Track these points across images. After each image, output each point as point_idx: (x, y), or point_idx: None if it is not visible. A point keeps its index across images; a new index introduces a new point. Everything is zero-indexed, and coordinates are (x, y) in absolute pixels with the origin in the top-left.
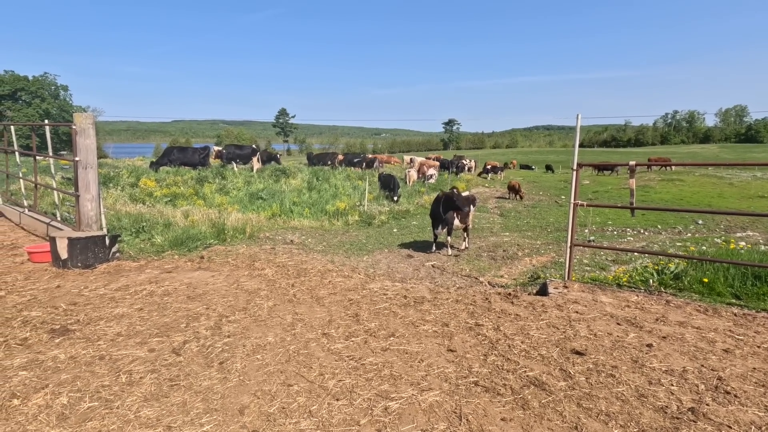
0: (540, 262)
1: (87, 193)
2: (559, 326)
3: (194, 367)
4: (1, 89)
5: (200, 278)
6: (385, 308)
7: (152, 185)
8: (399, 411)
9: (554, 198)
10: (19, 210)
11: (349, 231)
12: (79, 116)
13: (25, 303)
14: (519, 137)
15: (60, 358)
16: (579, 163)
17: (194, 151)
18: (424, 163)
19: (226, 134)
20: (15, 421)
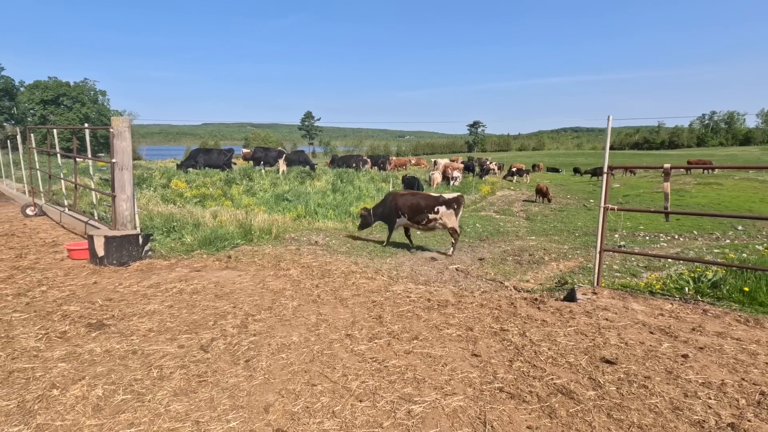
0: (567, 267)
1: (122, 193)
2: (587, 333)
3: (221, 365)
4: (45, 95)
5: (228, 277)
6: (408, 311)
7: (183, 186)
8: (422, 415)
9: (582, 201)
10: (59, 209)
11: (373, 233)
12: (116, 120)
13: (64, 298)
14: (546, 139)
15: (96, 352)
16: (610, 166)
17: (219, 153)
18: (448, 165)
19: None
20: (54, 410)
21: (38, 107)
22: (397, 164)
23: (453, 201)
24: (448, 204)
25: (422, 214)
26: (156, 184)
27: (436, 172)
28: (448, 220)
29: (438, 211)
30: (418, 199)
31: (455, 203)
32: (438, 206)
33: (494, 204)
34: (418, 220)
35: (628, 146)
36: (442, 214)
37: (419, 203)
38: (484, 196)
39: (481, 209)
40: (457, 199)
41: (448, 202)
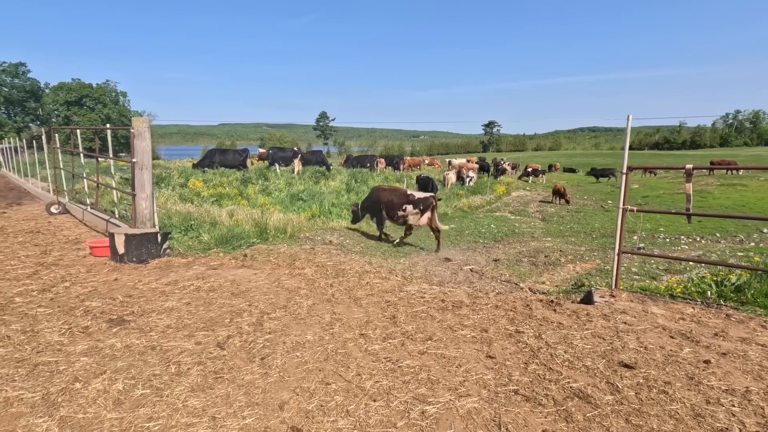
0: (584, 269)
1: (142, 192)
2: (605, 337)
3: (237, 362)
4: (68, 96)
5: (243, 276)
6: (422, 311)
7: (200, 185)
8: (436, 416)
9: (600, 202)
10: (82, 208)
11: (387, 233)
12: (137, 120)
13: (86, 294)
14: (562, 139)
15: (116, 347)
16: (629, 167)
17: (234, 153)
18: (463, 165)
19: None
20: (77, 403)
21: (62, 108)
22: (411, 164)
23: (420, 201)
24: (415, 204)
25: (394, 210)
26: (174, 183)
27: (451, 173)
28: (412, 218)
29: (405, 209)
30: (392, 196)
31: (422, 204)
32: (406, 204)
33: (509, 204)
34: (391, 215)
35: (648, 146)
36: (409, 213)
37: (392, 200)
38: (499, 197)
39: (495, 210)
40: (426, 200)
41: (416, 201)
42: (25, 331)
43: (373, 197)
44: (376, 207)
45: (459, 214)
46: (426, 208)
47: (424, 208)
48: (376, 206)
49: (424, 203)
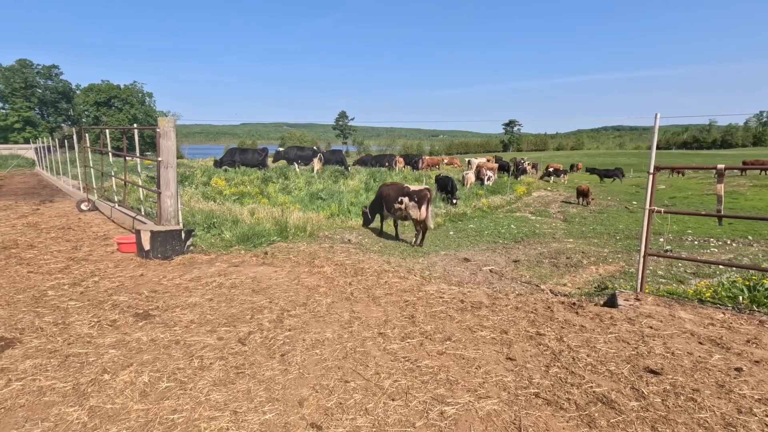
0: (607, 271)
1: (167, 190)
2: (630, 341)
3: (258, 357)
4: (98, 97)
5: (264, 273)
6: (441, 311)
7: (222, 184)
8: (455, 417)
9: (624, 203)
10: (110, 205)
11: (405, 232)
12: (162, 120)
13: (114, 288)
14: (585, 138)
15: (142, 340)
16: (656, 167)
17: (254, 152)
18: (482, 165)
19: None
20: (105, 394)
21: (92, 108)
22: (430, 164)
23: (415, 193)
24: (411, 196)
25: (391, 204)
26: (197, 181)
27: (470, 172)
28: (411, 211)
29: (402, 201)
30: (389, 190)
31: (417, 196)
32: (402, 197)
33: (530, 205)
34: (389, 208)
35: (676, 146)
36: (406, 205)
37: (390, 194)
38: (519, 197)
39: (516, 210)
40: (420, 192)
41: (411, 193)
42: (57, 323)
43: (378, 195)
44: (378, 202)
45: (478, 214)
46: (421, 200)
47: (419, 200)
48: (378, 201)
49: (418, 195)
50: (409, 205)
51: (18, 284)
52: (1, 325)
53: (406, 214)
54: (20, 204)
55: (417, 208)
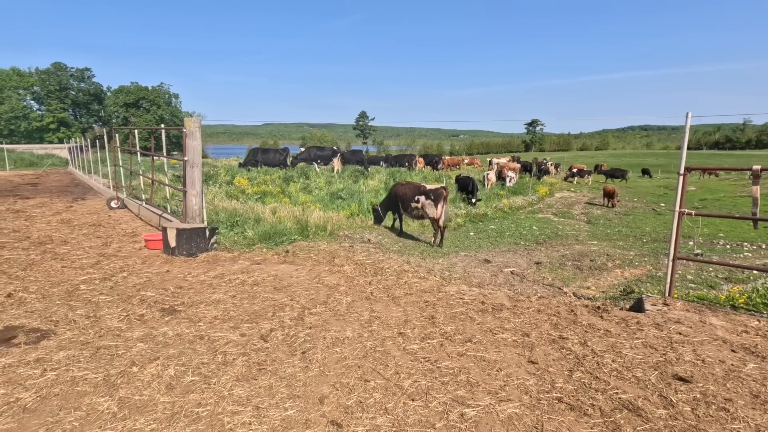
0: (633, 275)
1: (192, 189)
2: (657, 347)
3: (279, 354)
4: (127, 98)
5: (285, 271)
6: (461, 312)
7: (245, 183)
8: (476, 419)
9: (651, 205)
10: (138, 203)
11: (425, 233)
12: (188, 121)
13: (142, 284)
14: (611, 138)
15: (168, 335)
16: (687, 167)
17: (275, 152)
18: (504, 165)
19: (310, 136)
20: (134, 385)
21: (121, 110)
22: (450, 164)
23: (431, 192)
24: (427, 194)
25: (407, 203)
26: (221, 180)
27: (491, 172)
28: (428, 210)
29: (419, 200)
30: (406, 189)
31: (433, 194)
32: (418, 196)
33: (552, 206)
34: (405, 208)
35: (707, 146)
36: (423, 204)
37: (406, 193)
38: (541, 198)
39: (538, 211)
40: (437, 191)
41: (427, 192)
42: (89, 317)
43: (391, 194)
44: (393, 202)
45: (499, 214)
46: (437, 199)
47: (435, 198)
48: (393, 201)
49: (435, 194)
50: (425, 204)
51: (53, 278)
52: (38, 317)
53: (422, 213)
54: (55, 201)
55: (434, 207)
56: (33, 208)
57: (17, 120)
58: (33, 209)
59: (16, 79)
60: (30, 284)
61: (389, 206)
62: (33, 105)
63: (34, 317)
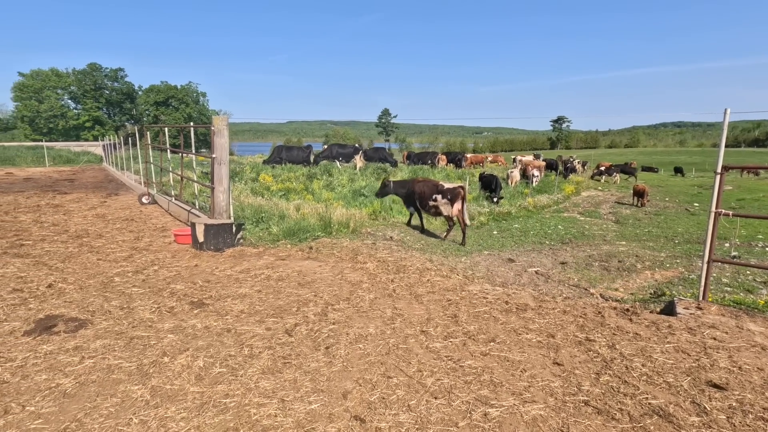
0: (664, 277)
1: (220, 185)
2: (690, 352)
3: (303, 349)
4: (157, 97)
5: (309, 267)
6: (484, 312)
7: (270, 180)
8: (499, 419)
9: (684, 205)
10: (168, 199)
11: (444, 232)
12: (216, 119)
13: (172, 277)
14: (641, 135)
15: (197, 327)
16: (725, 166)
17: (298, 150)
18: (528, 163)
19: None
20: (165, 375)
21: (152, 108)
22: (474, 161)
23: (449, 191)
24: (444, 193)
25: (425, 200)
26: (246, 177)
27: (515, 170)
28: (444, 208)
29: (436, 199)
30: (424, 187)
31: (450, 194)
32: (436, 194)
33: (578, 205)
34: (423, 205)
35: (746, 143)
36: (439, 202)
37: (425, 191)
38: (567, 196)
39: (563, 210)
40: (454, 190)
41: (444, 191)
42: (123, 308)
43: (410, 187)
44: (411, 197)
45: (524, 213)
46: (456, 197)
47: (452, 197)
48: (411, 196)
49: (452, 193)
50: (442, 203)
51: (89, 270)
52: (76, 307)
53: (439, 210)
54: (90, 196)
55: (449, 206)
56: (70, 202)
57: (56, 118)
58: (70, 204)
59: (55, 80)
60: (68, 275)
61: (404, 197)
62: (70, 104)
63: (73, 307)
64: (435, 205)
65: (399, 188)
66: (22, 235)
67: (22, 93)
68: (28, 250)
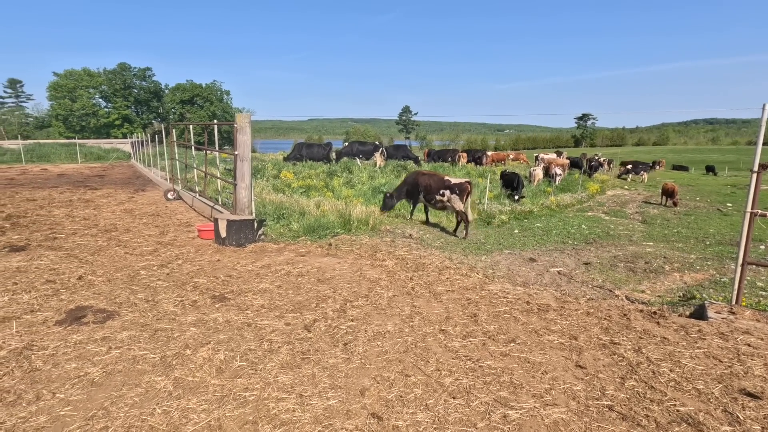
0: (694, 279)
1: (242, 182)
2: (722, 359)
3: (322, 345)
4: (183, 96)
5: (328, 264)
6: (504, 312)
7: (291, 177)
8: (519, 422)
9: (716, 205)
10: (192, 195)
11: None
12: (239, 116)
13: (195, 271)
14: (671, 133)
15: (219, 321)
16: (762, 164)
17: (319, 147)
18: (552, 161)
19: (353, 131)
20: (187, 367)
21: (178, 106)
22: (495, 159)
23: (456, 186)
24: (452, 188)
25: (432, 195)
26: (268, 174)
27: (538, 168)
28: (455, 204)
29: (444, 194)
30: (430, 181)
31: (458, 188)
32: (444, 189)
33: (603, 204)
34: (429, 199)
35: None
36: (448, 197)
37: (431, 184)
38: (591, 195)
39: (587, 209)
40: (461, 185)
41: (452, 186)
42: (148, 300)
43: (410, 183)
44: (414, 192)
45: (546, 212)
46: (463, 193)
47: (460, 192)
48: (414, 191)
49: (460, 188)
50: (452, 198)
51: (117, 263)
52: (104, 298)
53: (446, 205)
54: (119, 192)
55: (460, 201)
56: (100, 198)
57: (87, 117)
58: (100, 199)
59: (87, 80)
60: (97, 268)
61: (408, 195)
62: (101, 103)
63: (101, 299)
64: (443, 200)
65: (401, 192)
66: (56, 228)
67: (57, 92)
68: (60, 243)
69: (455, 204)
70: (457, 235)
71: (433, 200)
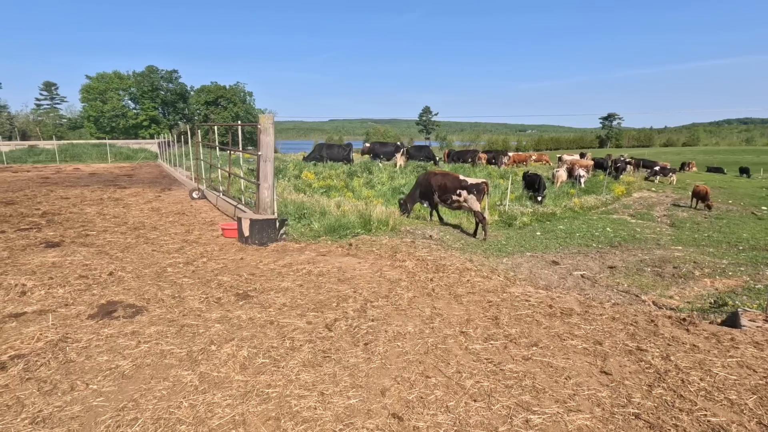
0: (726, 285)
1: (265, 182)
2: (756, 369)
3: (343, 344)
4: (207, 97)
5: (349, 264)
6: (527, 315)
7: (312, 177)
8: (542, 427)
9: (750, 209)
10: (216, 194)
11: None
12: (263, 117)
13: (219, 269)
14: (701, 133)
15: (242, 318)
16: None
17: (339, 148)
18: (575, 162)
19: (373, 132)
20: (212, 363)
21: (203, 108)
22: (517, 160)
23: (474, 186)
24: (469, 189)
25: (447, 195)
26: (290, 174)
27: (561, 170)
28: (472, 204)
29: (461, 194)
30: (445, 181)
31: (475, 189)
32: (460, 189)
33: (630, 206)
34: (445, 199)
35: None
36: (465, 197)
37: (446, 184)
38: (617, 197)
39: (612, 212)
40: (478, 186)
41: (469, 186)
42: (174, 297)
43: (423, 184)
44: (428, 192)
45: (569, 214)
46: (480, 193)
47: (477, 192)
48: (428, 192)
49: (477, 188)
50: (468, 199)
51: (145, 260)
52: (133, 294)
53: (463, 206)
54: (146, 191)
55: (476, 201)
56: (129, 196)
57: (117, 118)
58: (129, 198)
59: (117, 82)
60: (127, 264)
61: (422, 197)
62: (130, 104)
63: (130, 294)
64: (458, 200)
65: (414, 195)
66: (88, 226)
67: (89, 95)
68: (92, 240)
69: (472, 204)
70: (477, 236)
71: (449, 200)
